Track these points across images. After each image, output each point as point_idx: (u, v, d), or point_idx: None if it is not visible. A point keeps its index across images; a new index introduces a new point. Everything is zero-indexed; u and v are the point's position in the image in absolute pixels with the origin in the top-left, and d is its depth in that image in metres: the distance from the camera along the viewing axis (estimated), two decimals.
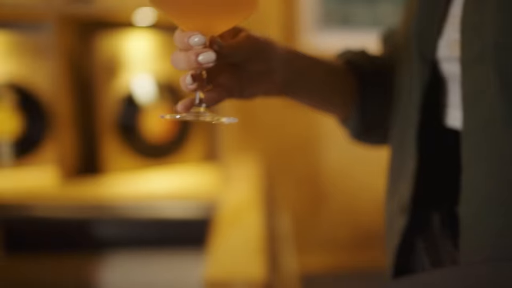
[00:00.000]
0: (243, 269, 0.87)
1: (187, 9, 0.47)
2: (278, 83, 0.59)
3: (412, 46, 0.58)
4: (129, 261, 1.42)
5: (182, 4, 0.46)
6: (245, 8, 0.49)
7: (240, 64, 0.55)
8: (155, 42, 1.75)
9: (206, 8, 0.47)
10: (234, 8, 0.48)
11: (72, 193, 1.55)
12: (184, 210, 1.44)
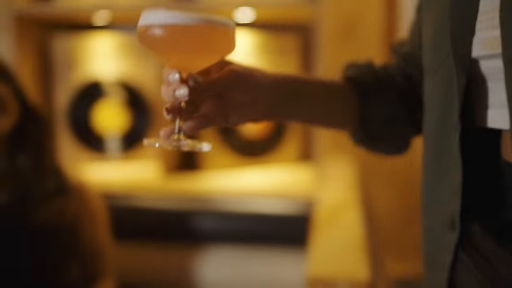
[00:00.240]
0: (346, 268, 0.85)
1: (168, 51, 0.54)
2: (262, 111, 0.63)
3: (446, 48, 0.55)
4: (225, 255, 1.45)
5: (164, 46, 0.53)
6: (221, 50, 0.56)
7: (223, 94, 0.59)
8: (254, 40, 1.77)
9: (184, 51, 0.53)
10: (211, 50, 0.54)
11: (173, 186, 1.62)
12: (280, 206, 1.45)
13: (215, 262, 1.46)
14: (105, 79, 1.81)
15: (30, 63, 1.77)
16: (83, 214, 1.21)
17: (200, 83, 0.56)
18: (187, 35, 0.52)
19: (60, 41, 1.79)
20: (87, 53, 1.81)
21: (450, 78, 0.55)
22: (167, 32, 0.51)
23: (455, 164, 0.54)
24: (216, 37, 0.54)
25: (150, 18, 0.52)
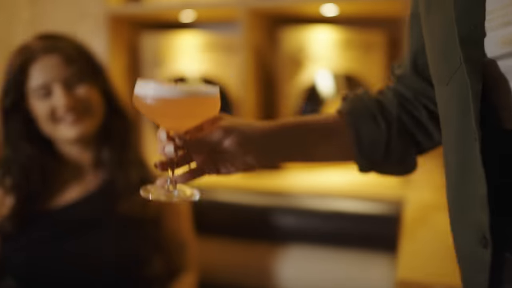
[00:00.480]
0: (440, 271, 0.80)
1: (157, 117, 0.63)
2: (254, 161, 0.67)
3: (456, 55, 0.53)
4: (308, 255, 1.43)
5: (153, 114, 0.62)
6: (205, 115, 0.64)
7: (214, 148, 0.65)
8: (337, 36, 1.74)
9: (171, 117, 0.61)
10: (195, 116, 0.62)
11: (256, 184, 1.60)
12: (364, 206, 1.40)
13: (297, 262, 1.44)
14: (190, 76, 1.85)
15: (121, 61, 1.85)
16: (166, 207, 1.23)
17: (187, 141, 0.63)
18: (173, 106, 0.60)
19: (149, 40, 1.86)
20: (174, 51, 1.86)
21: (464, 86, 0.53)
22: (155, 103, 0.59)
23: (479, 177, 0.51)
24: (199, 106, 0.62)
25: (141, 90, 0.60)
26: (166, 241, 1.25)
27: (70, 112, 1.10)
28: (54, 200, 1.15)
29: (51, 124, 1.12)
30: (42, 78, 1.10)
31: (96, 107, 1.15)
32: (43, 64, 1.10)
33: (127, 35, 1.88)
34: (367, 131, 0.72)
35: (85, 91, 1.13)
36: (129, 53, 1.89)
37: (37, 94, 1.10)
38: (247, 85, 1.63)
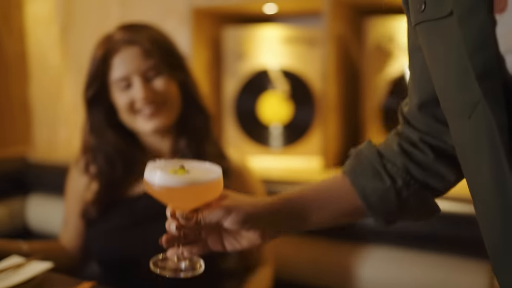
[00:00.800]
0: None
1: (163, 200, 0.71)
2: (259, 236, 0.71)
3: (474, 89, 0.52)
4: (390, 256, 1.35)
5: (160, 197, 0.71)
6: (208, 198, 0.70)
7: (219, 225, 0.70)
8: None
9: (176, 201, 0.70)
10: (198, 200, 0.70)
11: None
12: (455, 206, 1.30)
13: (377, 263, 1.36)
14: (271, 70, 1.84)
15: (204, 55, 1.87)
16: None
17: (189, 220, 0.69)
18: (176, 193, 0.68)
19: (231, 33, 1.86)
20: (256, 44, 1.85)
21: (488, 120, 0.51)
22: (160, 189, 0.68)
23: None
24: (201, 192, 0.69)
25: (149, 176, 0.69)
26: None
27: (147, 105, 1.11)
28: (133, 188, 1.18)
29: (130, 116, 1.14)
30: (123, 70, 1.12)
31: (173, 100, 1.16)
32: (124, 56, 1.12)
33: (210, 29, 1.89)
34: (372, 188, 0.73)
35: (163, 83, 1.13)
36: (212, 47, 1.91)
37: (118, 86, 1.13)
38: (329, 78, 1.58)
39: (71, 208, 1.25)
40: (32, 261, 1.06)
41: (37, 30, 2.27)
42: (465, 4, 0.51)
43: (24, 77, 2.30)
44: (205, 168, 0.72)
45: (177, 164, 0.71)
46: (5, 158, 1.99)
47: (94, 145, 1.18)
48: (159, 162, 0.71)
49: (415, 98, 0.71)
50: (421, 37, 0.63)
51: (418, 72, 0.69)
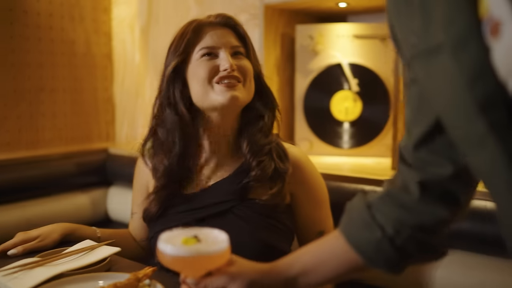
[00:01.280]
0: None
1: (173, 268, 0.77)
2: None
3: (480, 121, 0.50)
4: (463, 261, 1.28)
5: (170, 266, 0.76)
6: (214, 266, 0.78)
7: None
8: None
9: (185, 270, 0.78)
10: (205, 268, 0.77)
11: None
12: None
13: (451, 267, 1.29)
14: (343, 67, 1.81)
15: (276, 51, 1.88)
16: (304, 195, 1.19)
17: (198, 283, 0.78)
18: (185, 262, 0.74)
19: (303, 30, 1.85)
20: (328, 40, 1.83)
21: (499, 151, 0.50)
22: (172, 259, 0.74)
23: None
24: (208, 261, 0.76)
25: (162, 247, 0.75)
26: (304, 231, 1.22)
27: (230, 77, 1.10)
28: (192, 183, 1.19)
29: (207, 87, 1.11)
30: (212, 42, 1.14)
31: (252, 82, 1.16)
32: (216, 32, 1.15)
33: (282, 25, 1.90)
34: (366, 240, 0.74)
35: (245, 62, 1.16)
36: (284, 43, 1.92)
37: (202, 54, 1.13)
38: (401, 75, 1.52)
39: (137, 200, 1.29)
40: (102, 245, 1.13)
41: (121, 31, 2.40)
42: (456, 34, 0.49)
43: (109, 77, 2.45)
44: (214, 237, 0.78)
45: (190, 234, 0.77)
46: (90, 152, 2.13)
47: (163, 122, 1.17)
48: (175, 231, 0.78)
49: (415, 130, 0.69)
50: (417, 70, 0.61)
51: (416, 104, 0.67)
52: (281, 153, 1.18)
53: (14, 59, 2.04)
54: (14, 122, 2.05)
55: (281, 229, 1.16)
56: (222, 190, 1.15)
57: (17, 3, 2.03)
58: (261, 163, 1.13)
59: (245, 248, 1.06)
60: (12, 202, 1.79)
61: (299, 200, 1.19)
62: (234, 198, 1.13)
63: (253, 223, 1.12)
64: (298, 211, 1.20)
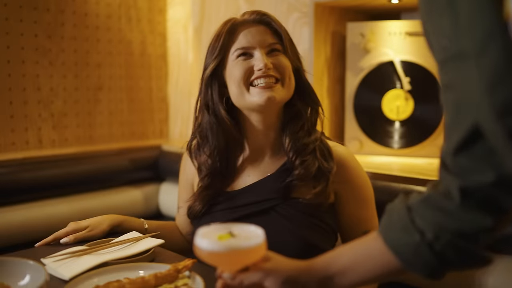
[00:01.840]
0: None
1: (210, 262, 0.77)
2: None
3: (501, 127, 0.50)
4: None
5: (206, 260, 0.77)
6: (250, 262, 0.78)
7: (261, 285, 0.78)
8: None
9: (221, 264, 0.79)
10: (241, 264, 0.78)
11: None
12: None
13: (504, 273, 1.23)
14: (395, 65, 1.76)
15: (326, 49, 1.86)
16: (349, 195, 1.17)
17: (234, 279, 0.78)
18: (221, 257, 0.75)
19: (354, 28, 1.82)
20: (379, 38, 1.79)
21: None
22: (208, 254, 0.75)
23: None
24: (243, 256, 0.76)
25: (199, 242, 0.76)
26: (348, 230, 1.20)
27: (265, 77, 1.10)
28: (234, 182, 1.20)
29: (244, 88, 1.12)
30: (247, 42, 1.13)
31: (290, 79, 1.14)
32: (250, 31, 1.15)
33: (333, 23, 1.88)
34: (404, 243, 0.72)
35: (283, 60, 1.14)
36: (335, 41, 1.89)
37: (238, 55, 1.14)
38: None
39: (183, 196, 1.32)
40: (147, 237, 1.16)
41: (176, 32, 2.46)
42: (478, 37, 0.47)
43: (163, 77, 2.51)
44: (249, 232, 0.79)
45: (226, 229, 0.78)
46: (144, 148, 2.20)
47: (204, 123, 1.19)
48: (212, 226, 0.80)
49: (453, 136, 0.66)
50: (451, 74, 0.60)
51: (452, 109, 0.65)
52: (325, 152, 1.16)
53: (76, 58, 2.14)
54: (72, 119, 2.15)
55: (324, 228, 1.14)
56: (265, 189, 1.15)
57: (78, 6, 2.13)
58: (304, 162, 1.12)
59: (287, 247, 1.07)
60: (69, 194, 1.88)
61: (344, 199, 1.17)
62: (277, 197, 1.13)
63: (296, 222, 1.10)
64: (342, 210, 1.18)
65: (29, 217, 1.75)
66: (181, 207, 1.33)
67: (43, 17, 2.02)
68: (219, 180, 1.19)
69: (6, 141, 1.96)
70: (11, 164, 1.81)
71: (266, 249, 0.78)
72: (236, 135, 1.18)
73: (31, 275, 0.87)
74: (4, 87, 1.93)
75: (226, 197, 1.18)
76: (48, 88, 2.06)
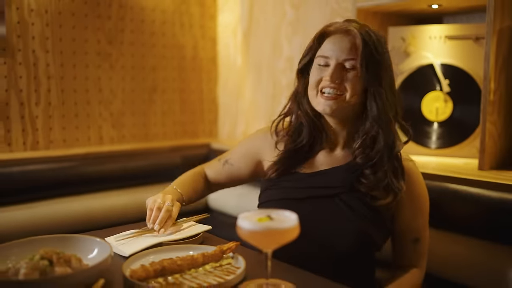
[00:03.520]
0: None
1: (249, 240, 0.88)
2: None
3: None
4: None
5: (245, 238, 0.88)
6: (285, 241, 0.88)
7: None
8: None
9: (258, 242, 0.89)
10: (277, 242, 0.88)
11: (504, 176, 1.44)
12: None
13: None
14: (435, 68, 1.81)
15: None
16: (407, 203, 1.23)
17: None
18: (259, 236, 0.86)
19: (396, 31, 1.89)
20: (419, 42, 1.84)
21: None
22: (247, 233, 0.87)
23: None
24: (278, 236, 0.87)
25: (240, 222, 0.87)
26: (400, 235, 1.27)
27: (329, 88, 1.20)
28: (307, 166, 1.29)
29: (314, 92, 1.24)
30: (327, 51, 1.23)
31: (352, 96, 1.19)
32: (335, 40, 1.23)
33: (375, 28, 1.94)
34: None
35: (352, 77, 1.19)
36: None
37: (318, 62, 1.24)
38: (491, 75, 1.49)
39: (238, 153, 1.45)
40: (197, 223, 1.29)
41: (226, 36, 2.60)
42: None
43: (214, 79, 2.65)
44: (285, 216, 0.89)
45: (265, 213, 0.89)
46: (194, 146, 2.34)
47: (293, 110, 1.32)
48: (252, 211, 0.91)
49: None
50: None
51: None
52: (399, 170, 1.21)
53: (133, 62, 2.31)
54: (129, 118, 2.33)
55: (380, 224, 1.22)
56: (334, 177, 1.24)
57: (136, 14, 2.30)
58: (376, 174, 1.19)
59: (344, 232, 1.17)
60: (126, 187, 2.05)
61: (403, 206, 1.24)
62: (344, 185, 1.22)
63: (357, 211, 1.19)
64: (398, 214, 1.25)
65: (90, 206, 1.93)
66: (229, 163, 1.46)
67: (105, 25, 2.20)
68: (298, 152, 1.30)
69: (71, 137, 2.15)
70: (75, 158, 1.99)
71: (298, 231, 0.88)
72: (318, 125, 1.29)
73: (98, 250, 1.01)
74: (70, 89, 2.13)
75: (296, 177, 1.28)
76: (108, 90, 2.24)
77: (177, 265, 0.98)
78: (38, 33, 2.02)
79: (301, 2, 2.16)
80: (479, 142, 1.52)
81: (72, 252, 0.97)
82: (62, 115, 2.11)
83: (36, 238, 1.04)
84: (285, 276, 0.97)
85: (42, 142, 2.07)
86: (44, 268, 0.89)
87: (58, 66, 2.08)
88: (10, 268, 0.90)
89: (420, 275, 1.29)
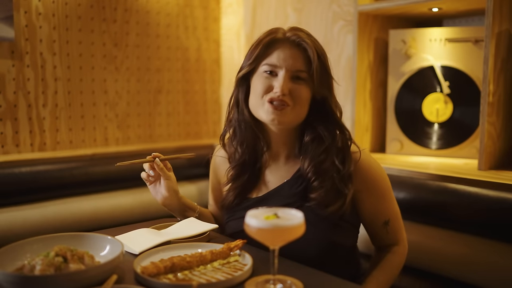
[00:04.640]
0: None
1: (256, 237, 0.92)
2: None
3: None
4: None
5: (252, 235, 0.92)
6: (292, 238, 0.91)
7: None
8: None
9: (265, 239, 0.92)
10: (283, 240, 0.92)
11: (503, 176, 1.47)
12: None
13: None
14: (435, 70, 1.84)
15: (369, 56, 1.97)
16: (364, 194, 1.23)
17: None
18: (265, 233, 0.90)
19: (396, 35, 1.92)
20: (420, 44, 1.88)
21: None
22: (255, 230, 0.91)
23: None
24: (284, 233, 0.90)
25: (248, 220, 0.92)
26: (370, 222, 1.28)
27: (278, 99, 1.18)
28: (257, 188, 1.31)
29: (259, 101, 1.20)
30: (276, 60, 1.20)
31: (301, 108, 1.21)
32: (284, 51, 1.21)
33: (376, 30, 1.98)
34: None
35: (301, 89, 1.20)
36: (377, 48, 1.99)
37: (265, 69, 1.21)
38: (490, 77, 1.53)
39: (212, 191, 1.48)
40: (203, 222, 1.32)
41: (229, 39, 2.63)
42: None
43: (217, 81, 2.69)
44: (291, 214, 0.93)
45: (272, 212, 0.93)
46: (198, 147, 2.38)
47: (233, 119, 1.31)
48: (260, 209, 0.94)
49: None
50: None
51: None
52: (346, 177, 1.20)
53: (139, 64, 2.35)
54: (134, 119, 2.37)
55: (344, 226, 1.23)
56: (286, 193, 1.25)
57: (141, 17, 2.34)
58: (322, 188, 1.19)
59: (310, 246, 1.16)
60: (132, 187, 2.08)
61: (363, 195, 1.24)
62: (295, 201, 1.22)
63: (316, 224, 1.18)
64: (362, 205, 1.26)
65: (97, 206, 1.96)
66: (211, 205, 1.50)
67: (111, 28, 2.24)
68: (243, 187, 1.31)
69: (77, 138, 2.19)
70: (82, 159, 2.02)
71: (304, 229, 0.91)
72: (259, 135, 1.28)
73: (110, 247, 1.05)
74: (76, 91, 2.16)
75: (249, 204, 1.28)
76: (114, 91, 2.28)
77: (187, 262, 1.01)
78: (46, 36, 2.05)
79: (303, 5, 2.19)
80: (479, 143, 1.56)
81: (85, 249, 1.01)
82: (68, 116, 2.15)
83: (49, 236, 1.08)
84: (291, 272, 1.00)
85: (49, 143, 2.11)
86: (59, 265, 0.92)
87: (65, 69, 2.11)
88: (26, 265, 0.94)
89: (402, 250, 1.31)
